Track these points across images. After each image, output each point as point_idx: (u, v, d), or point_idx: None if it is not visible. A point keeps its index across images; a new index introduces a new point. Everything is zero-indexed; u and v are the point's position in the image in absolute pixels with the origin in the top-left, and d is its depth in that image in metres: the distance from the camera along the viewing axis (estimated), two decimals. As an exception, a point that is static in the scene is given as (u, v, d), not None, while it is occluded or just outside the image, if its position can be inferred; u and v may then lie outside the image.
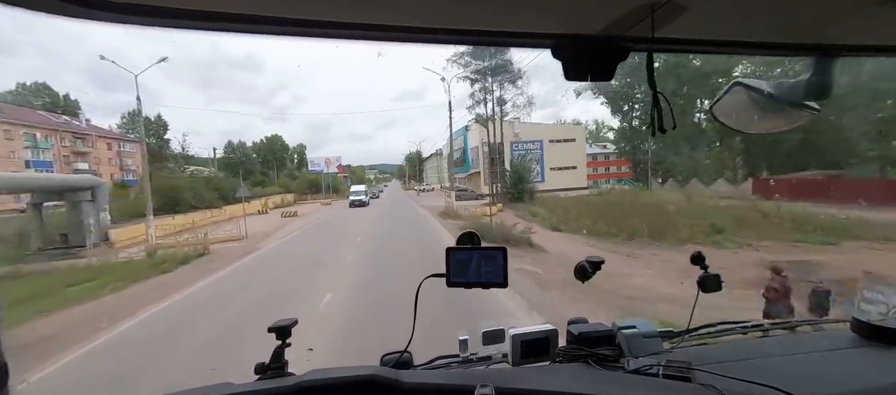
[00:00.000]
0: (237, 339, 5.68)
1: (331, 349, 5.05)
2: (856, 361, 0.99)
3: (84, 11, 0.60)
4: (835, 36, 0.83)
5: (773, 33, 0.85)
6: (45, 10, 0.59)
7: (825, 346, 1.06)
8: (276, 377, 0.94)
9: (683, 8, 0.65)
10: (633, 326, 1.11)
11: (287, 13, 0.66)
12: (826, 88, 0.92)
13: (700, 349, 1.12)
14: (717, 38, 0.86)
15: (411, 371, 1.01)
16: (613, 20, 0.69)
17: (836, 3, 0.70)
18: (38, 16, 0.60)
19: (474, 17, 0.71)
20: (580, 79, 0.82)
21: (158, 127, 51.33)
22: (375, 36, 0.75)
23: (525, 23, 0.74)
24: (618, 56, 0.81)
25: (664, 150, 35.49)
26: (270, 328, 1.00)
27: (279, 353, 0.99)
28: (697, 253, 1.12)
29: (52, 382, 4.98)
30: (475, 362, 1.13)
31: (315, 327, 5.80)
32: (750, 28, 0.82)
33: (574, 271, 1.13)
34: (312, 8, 0.65)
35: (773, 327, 1.24)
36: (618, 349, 1.06)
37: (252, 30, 0.69)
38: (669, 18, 0.69)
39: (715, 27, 0.80)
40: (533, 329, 1.08)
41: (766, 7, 0.72)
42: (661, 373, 0.90)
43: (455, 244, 0.99)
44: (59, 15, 0.61)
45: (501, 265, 0.90)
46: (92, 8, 0.60)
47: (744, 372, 0.86)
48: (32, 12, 0.58)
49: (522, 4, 0.66)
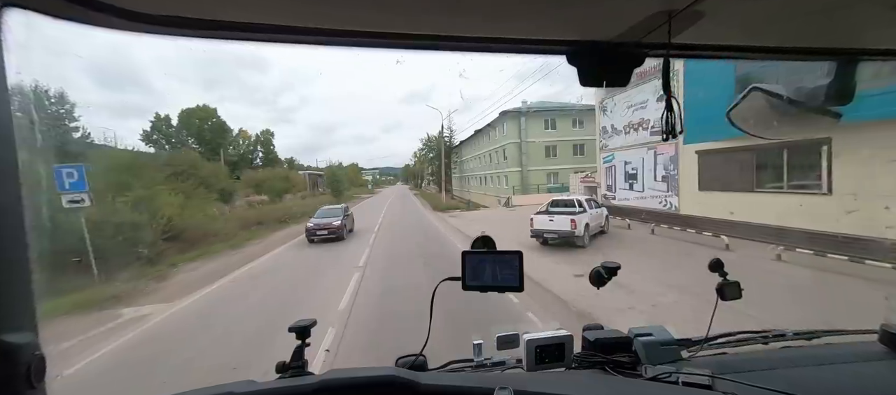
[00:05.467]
0: None
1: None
2: (885, 373, 0.96)
3: (102, 18, 0.62)
4: (854, 39, 0.82)
5: (792, 38, 0.84)
6: (53, 14, 0.60)
7: (852, 357, 1.03)
8: (297, 376, 0.96)
9: (701, 14, 0.66)
10: (650, 333, 1.09)
11: (301, 22, 0.68)
12: (848, 92, 0.91)
13: (719, 358, 1.09)
14: (736, 44, 0.85)
15: (428, 373, 1.02)
16: (630, 27, 0.70)
17: (855, 6, 0.69)
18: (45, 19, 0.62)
19: (491, 25, 0.72)
20: (596, 84, 0.83)
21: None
22: (393, 44, 0.77)
23: (541, 30, 0.75)
24: (633, 62, 0.81)
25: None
26: (291, 328, 1.02)
27: (299, 352, 1.01)
28: (716, 260, 1.10)
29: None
30: (489, 366, 1.13)
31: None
32: (768, 33, 0.82)
33: (589, 277, 1.12)
34: (329, 18, 0.67)
35: (797, 337, 1.20)
36: (634, 357, 1.05)
37: (263, 38, 0.71)
38: (686, 24, 0.69)
39: (733, 32, 0.80)
40: (548, 335, 1.08)
41: (784, 12, 0.72)
42: (680, 381, 0.89)
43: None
44: (70, 20, 0.62)
45: (517, 269, 0.91)
46: (110, 15, 0.62)
47: (766, 382, 0.85)
48: (41, 15, 0.60)
49: (538, 13, 0.67)
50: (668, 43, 0.69)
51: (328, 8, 0.64)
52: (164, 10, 0.63)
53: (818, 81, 0.93)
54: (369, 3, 0.62)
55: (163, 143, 42.03)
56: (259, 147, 54.66)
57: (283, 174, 41.48)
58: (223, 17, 0.66)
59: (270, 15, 0.66)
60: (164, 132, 42.89)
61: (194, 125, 44.92)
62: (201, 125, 45.26)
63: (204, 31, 0.69)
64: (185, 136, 44.38)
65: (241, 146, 52.41)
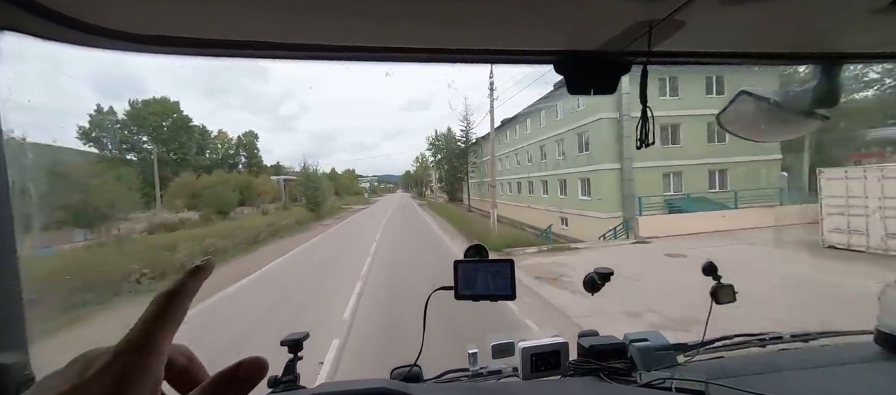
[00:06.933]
0: None
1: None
2: (880, 375, 0.96)
3: (97, 40, 0.64)
4: (836, 44, 0.83)
5: (776, 43, 0.86)
6: (50, 37, 0.62)
7: (847, 359, 1.03)
8: (289, 390, 0.96)
9: (682, 23, 0.67)
10: (646, 339, 1.09)
11: (295, 39, 0.70)
12: (834, 95, 0.92)
13: (715, 362, 1.09)
14: (720, 50, 0.87)
15: (422, 385, 1.02)
16: (612, 37, 0.71)
17: (836, 12, 0.70)
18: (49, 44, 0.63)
19: (479, 37, 0.74)
20: (583, 92, 0.84)
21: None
22: (382, 57, 0.79)
23: (527, 41, 0.76)
24: (620, 70, 0.82)
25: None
26: (283, 342, 1.02)
27: (291, 366, 1.01)
28: (710, 263, 1.10)
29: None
30: (485, 376, 1.12)
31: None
32: (752, 39, 0.83)
33: (583, 283, 1.13)
34: (321, 33, 0.69)
35: (793, 339, 1.20)
36: (630, 363, 1.04)
37: (257, 55, 0.73)
38: (669, 33, 0.70)
39: (717, 39, 0.81)
40: (543, 342, 1.08)
41: (766, 18, 0.73)
42: (674, 387, 0.88)
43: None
44: (68, 42, 0.64)
45: (509, 278, 0.91)
46: (105, 37, 0.63)
47: (761, 387, 0.84)
48: (43, 41, 0.62)
49: (524, 23, 0.68)
50: (648, 51, 0.71)
51: (317, 24, 0.65)
52: (160, 30, 0.64)
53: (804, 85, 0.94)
54: (357, 19, 0.64)
55: (106, 142, 34.20)
56: (241, 151, 48.49)
57: (242, 180, 31.79)
58: (218, 36, 0.67)
59: (262, 33, 0.68)
60: (108, 129, 34.58)
61: (148, 122, 37.06)
62: (156, 122, 37.70)
63: (199, 49, 0.70)
64: (135, 133, 36.92)
65: (220, 150, 46.68)
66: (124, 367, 0.25)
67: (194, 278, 0.30)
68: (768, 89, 0.96)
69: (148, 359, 0.26)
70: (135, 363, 0.25)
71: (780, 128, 1.01)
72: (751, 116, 1.00)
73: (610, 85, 0.83)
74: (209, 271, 0.31)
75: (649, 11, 0.63)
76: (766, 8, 0.66)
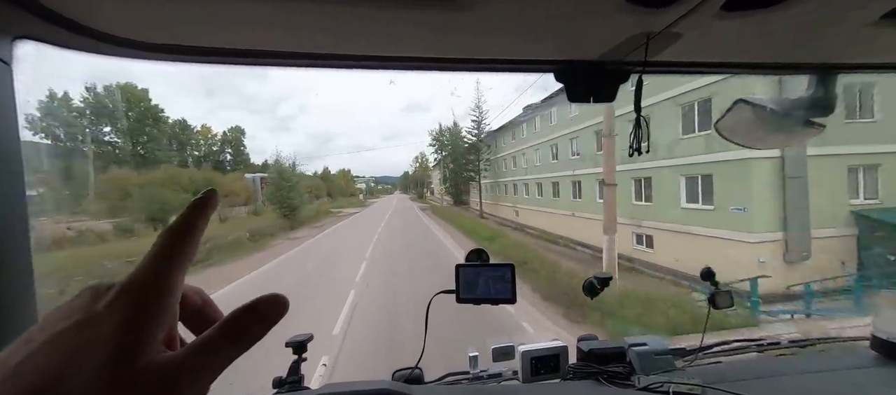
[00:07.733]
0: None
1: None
2: (875, 380, 0.97)
3: (106, 47, 0.66)
4: (832, 54, 0.85)
5: (773, 53, 0.87)
6: (62, 44, 0.64)
7: (844, 364, 1.04)
8: (293, 391, 0.97)
9: (679, 35, 0.69)
10: (644, 343, 1.10)
11: (299, 47, 0.72)
12: (829, 104, 0.94)
13: (713, 367, 1.10)
14: (718, 60, 0.88)
15: (423, 387, 1.03)
16: (611, 47, 0.73)
17: (830, 24, 0.72)
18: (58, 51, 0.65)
19: (480, 46, 0.76)
20: (583, 101, 0.86)
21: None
22: (386, 66, 0.80)
23: (527, 50, 0.78)
24: (619, 79, 0.84)
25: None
26: (288, 343, 1.03)
27: (296, 367, 1.02)
28: (707, 269, 1.11)
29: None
30: (486, 379, 1.13)
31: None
32: (748, 49, 0.84)
33: (582, 287, 1.14)
34: (324, 42, 0.71)
35: (791, 345, 1.21)
36: (628, 367, 1.06)
37: (259, 63, 0.75)
38: (666, 44, 0.72)
39: (714, 50, 0.83)
40: (543, 346, 1.09)
41: (761, 29, 0.75)
42: (671, 391, 0.90)
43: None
44: (77, 49, 0.66)
45: (509, 282, 0.92)
46: (113, 44, 0.65)
47: (759, 392, 0.86)
48: (55, 48, 0.64)
49: (526, 34, 0.70)
50: (649, 62, 0.72)
51: (321, 33, 0.67)
52: (165, 38, 0.66)
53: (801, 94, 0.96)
54: (359, 28, 0.65)
55: (58, 131, 28.17)
56: (227, 147, 44.81)
57: (200, 178, 25.08)
58: (221, 45, 0.69)
59: (268, 41, 0.69)
60: (61, 118, 29.33)
61: (106, 111, 31.54)
62: (118, 111, 32.43)
63: (203, 57, 0.72)
64: (94, 123, 31.37)
65: (203, 146, 43.80)
66: (137, 303, 0.24)
67: (200, 213, 0.27)
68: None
69: (165, 298, 0.25)
70: (150, 300, 0.24)
71: (777, 136, 1.02)
72: (748, 125, 1.02)
73: (609, 94, 0.85)
74: (215, 203, 0.29)
75: (647, 24, 0.65)
76: (760, 20, 0.67)
